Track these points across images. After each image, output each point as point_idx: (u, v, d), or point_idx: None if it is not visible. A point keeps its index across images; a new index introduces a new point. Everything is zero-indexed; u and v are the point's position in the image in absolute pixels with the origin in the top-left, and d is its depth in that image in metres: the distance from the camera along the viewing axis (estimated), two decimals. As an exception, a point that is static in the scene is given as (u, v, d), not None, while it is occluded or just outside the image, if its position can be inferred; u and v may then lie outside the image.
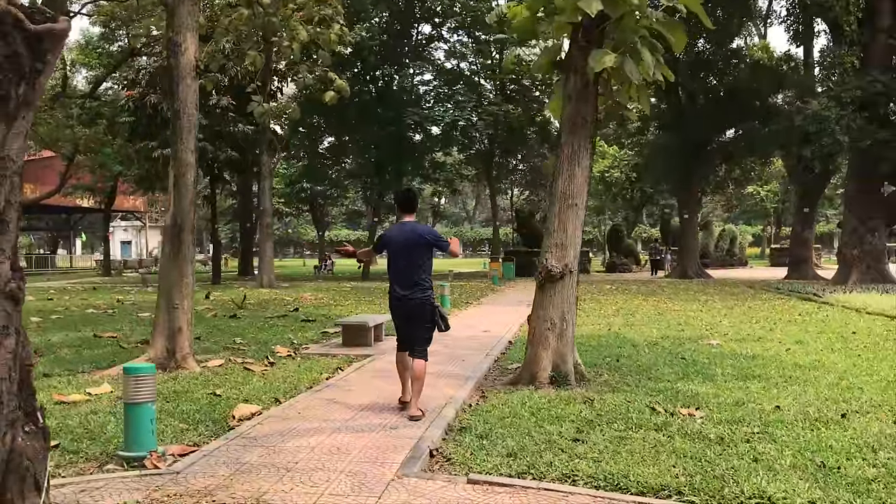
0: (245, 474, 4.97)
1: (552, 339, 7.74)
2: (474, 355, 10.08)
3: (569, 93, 7.91)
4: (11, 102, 2.78)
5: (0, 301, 2.88)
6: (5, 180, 2.83)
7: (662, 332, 12.07)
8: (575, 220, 7.82)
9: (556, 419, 6.27)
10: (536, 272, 7.92)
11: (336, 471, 5.04)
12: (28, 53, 2.76)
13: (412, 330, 6.83)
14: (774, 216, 64.79)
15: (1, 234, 2.86)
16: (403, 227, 6.89)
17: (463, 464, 5.22)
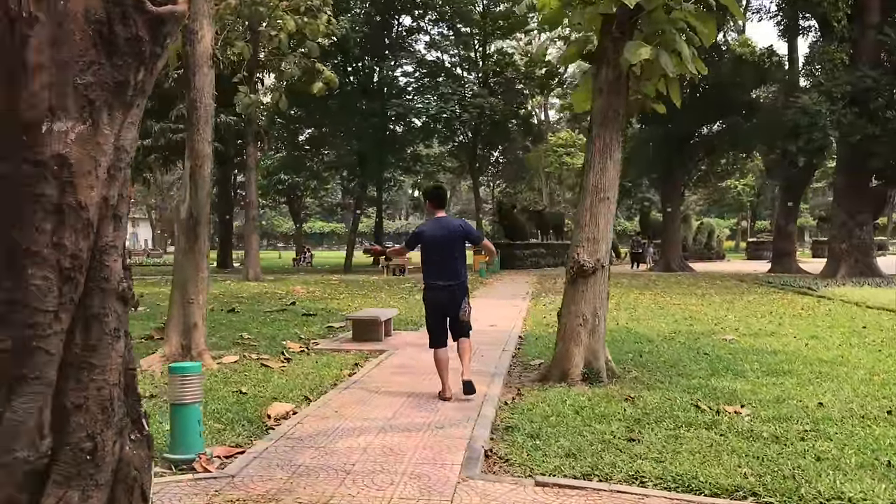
0: (304, 477, 4.80)
1: (584, 336, 7.64)
2: (490, 350, 9.96)
3: (600, 85, 7.79)
4: (129, 90, 2.59)
5: (112, 302, 2.69)
6: (119, 172, 2.64)
7: (672, 327, 12.04)
8: (607, 214, 7.72)
9: (602, 418, 6.17)
10: (567, 267, 7.80)
11: (397, 473, 4.88)
12: (149, 37, 2.56)
13: (454, 317, 7.18)
14: (750, 210, 65.44)
15: (115, 230, 2.67)
16: (438, 223, 7.20)
17: (523, 465, 5.10)
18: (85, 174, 2.51)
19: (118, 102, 2.57)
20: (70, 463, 2.63)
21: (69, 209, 2.49)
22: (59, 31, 2.42)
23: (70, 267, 2.52)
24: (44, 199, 2.44)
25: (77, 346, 2.64)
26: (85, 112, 2.49)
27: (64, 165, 2.46)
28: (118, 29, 2.52)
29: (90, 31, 2.49)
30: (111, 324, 2.70)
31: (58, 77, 2.43)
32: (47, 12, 2.39)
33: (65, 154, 2.46)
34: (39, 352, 2.51)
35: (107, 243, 2.65)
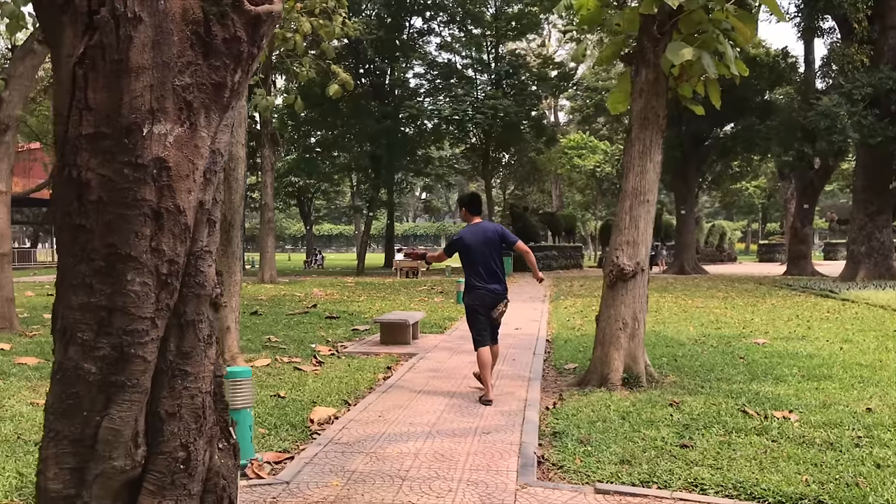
0: (359, 484, 4.74)
1: (624, 340, 7.56)
2: (521, 354, 9.89)
3: (640, 86, 7.72)
4: (226, 91, 2.54)
5: (206, 309, 2.64)
6: (214, 176, 2.59)
7: (700, 331, 11.94)
8: (646, 217, 7.65)
9: (650, 423, 6.09)
10: (607, 270, 7.73)
11: (454, 479, 4.82)
12: (246, 37, 2.51)
13: (492, 319, 7.35)
14: (761, 212, 65.19)
15: (209, 235, 2.62)
16: (476, 228, 7.44)
17: (578, 472, 5.02)
18: (183, 178, 2.46)
19: (215, 105, 2.52)
20: (164, 472, 2.58)
21: (167, 213, 2.44)
22: (159, 31, 2.37)
23: (167, 272, 2.47)
24: (143, 203, 2.39)
25: (171, 354, 2.59)
26: (183, 114, 2.44)
27: (163, 169, 2.41)
28: (216, 29, 2.47)
29: (187, 32, 2.44)
30: (204, 330, 2.65)
31: (158, 79, 2.37)
32: (149, 12, 2.34)
33: (164, 157, 2.41)
34: (137, 359, 2.46)
35: (202, 248, 2.60)
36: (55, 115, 2.42)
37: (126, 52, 2.30)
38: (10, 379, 8.05)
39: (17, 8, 11.62)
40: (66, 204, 2.37)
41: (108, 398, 2.46)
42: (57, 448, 2.47)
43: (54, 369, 2.50)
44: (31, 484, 4.69)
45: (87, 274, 2.39)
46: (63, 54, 2.34)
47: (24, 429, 5.99)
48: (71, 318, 2.42)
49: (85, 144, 2.33)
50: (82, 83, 2.30)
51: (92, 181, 2.35)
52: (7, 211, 12.15)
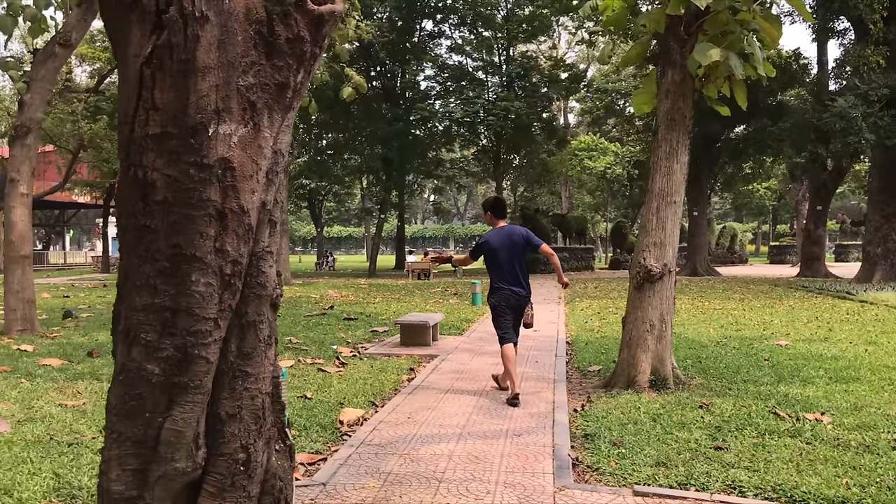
0: (396, 486, 4.73)
1: (651, 342, 7.53)
2: (543, 356, 9.86)
3: (666, 87, 7.69)
4: (289, 92, 2.53)
5: (266, 310, 2.63)
6: (276, 177, 2.58)
7: (720, 332, 11.89)
8: (673, 218, 7.62)
9: (682, 426, 6.06)
10: (633, 272, 7.69)
11: (490, 481, 4.80)
12: (310, 37, 2.50)
13: (515, 321, 7.49)
14: (771, 214, 64.95)
15: (270, 235, 2.61)
16: (501, 231, 7.57)
17: (614, 474, 5.00)
18: (247, 178, 2.45)
19: (278, 105, 2.51)
20: (224, 474, 2.57)
21: (232, 214, 2.43)
22: (225, 31, 2.36)
23: (231, 273, 2.47)
24: (208, 203, 2.38)
25: (232, 354, 2.58)
26: (247, 115, 2.44)
27: (227, 169, 2.40)
28: (279, 29, 2.46)
29: (251, 32, 2.44)
30: (265, 331, 2.64)
31: (223, 79, 2.37)
32: (215, 12, 2.33)
33: (228, 157, 2.40)
34: (200, 360, 2.45)
35: (263, 249, 2.60)
36: (119, 115, 2.41)
37: (193, 52, 2.29)
38: (37, 380, 8.07)
39: (40, 11, 11.69)
40: (131, 204, 2.37)
41: (171, 399, 2.45)
42: (120, 449, 2.47)
43: (116, 370, 2.50)
44: (69, 485, 4.70)
45: (151, 275, 2.38)
46: (129, 54, 2.33)
47: (54, 430, 6.00)
48: (134, 319, 2.42)
49: (151, 144, 2.32)
50: (149, 83, 2.29)
51: (157, 181, 2.34)
52: (28, 213, 12.19)
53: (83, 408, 6.79)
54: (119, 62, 2.41)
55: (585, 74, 43.48)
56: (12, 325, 12.00)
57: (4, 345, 10.86)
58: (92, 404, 6.93)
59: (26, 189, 12.13)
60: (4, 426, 6.12)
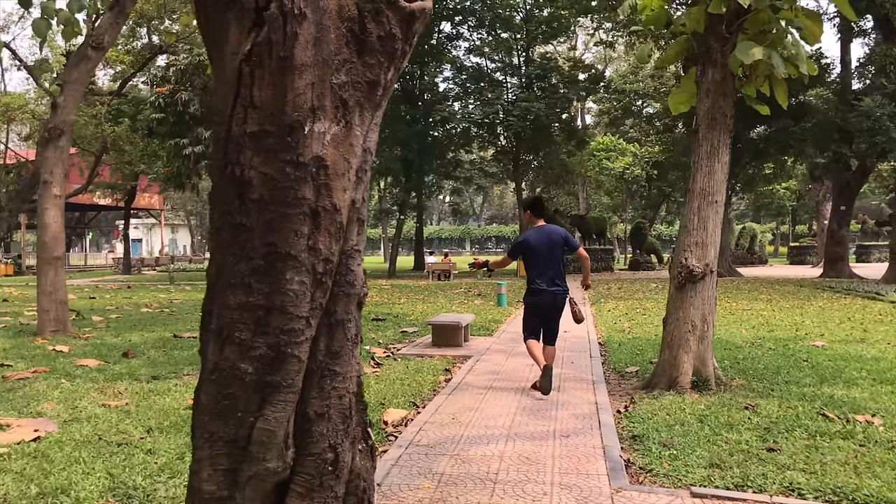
0: (451, 486, 4.71)
1: (693, 342, 7.48)
2: (577, 357, 9.82)
3: (706, 86, 7.64)
4: (379, 90, 2.52)
5: (354, 309, 2.62)
6: (365, 175, 2.57)
7: (752, 333, 11.80)
8: (715, 218, 7.56)
9: (729, 427, 6.01)
10: (674, 272, 7.64)
11: (545, 483, 4.77)
12: (401, 35, 2.49)
13: (550, 320, 7.72)
14: (790, 214, 64.50)
15: (359, 234, 2.60)
16: (541, 231, 7.71)
17: (668, 476, 4.95)
18: (339, 176, 2.44)
19: (369, 103, 2.50)
20: (312, 474, 2.55)
21: (325, 212, 2.42)
22: (320, 28, 2.35)
23: (323, 271, 2.46)
24: (303, 201, 2.37)
25: (321, 353, 2.57)
26: (339, 112, 2.42)
27: (321, 167, 2.39)
28: (370, 26, 2.45)
29: (343, 29, 2.43)
30: (352, 330, 2.63)
31: (318, 76, 2.36)
32: (312, 9, 2.32)
33: (322, 156, 2.39)
34: (293, 359, 2.44)
35: (352, 247, 2.58)
36: (214, 114, 2.41)
37: (291, 49, 2.28)
38: (77, 381, 8.11)
39: (73, 14, 11.78)
40: (227, 202, 2.36)
41: (263, 399, 2.44)
42: (212, 449, 2.46)
43: (208, 369, 2.49)
44: (123, 484, 4.71)
45: (246, 273, 2.38)
46: (227, 52, 2.33)
47: (101, 430, 6.02)
48: (228, 318, 2.41)
49: (248, 143, 2.31)
50: (248, 80, 2.28)
51: (254, 179, 2.33)
52: (61, 214, 12.27)
53: (126, 408, 6.81)
54: (214, 61, 2.41)
55: (604, 75, 43.28)
56: (45, 326, 12.09)
57: (39, 345, 10.93)
58: (135, 405, 6.96)
59: (59, 191, 12.21)
60: (52, 426, 6.15)
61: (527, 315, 7.86)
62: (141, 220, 69.44)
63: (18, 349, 10.58)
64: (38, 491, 4.61)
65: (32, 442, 5.67)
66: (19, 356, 9.89)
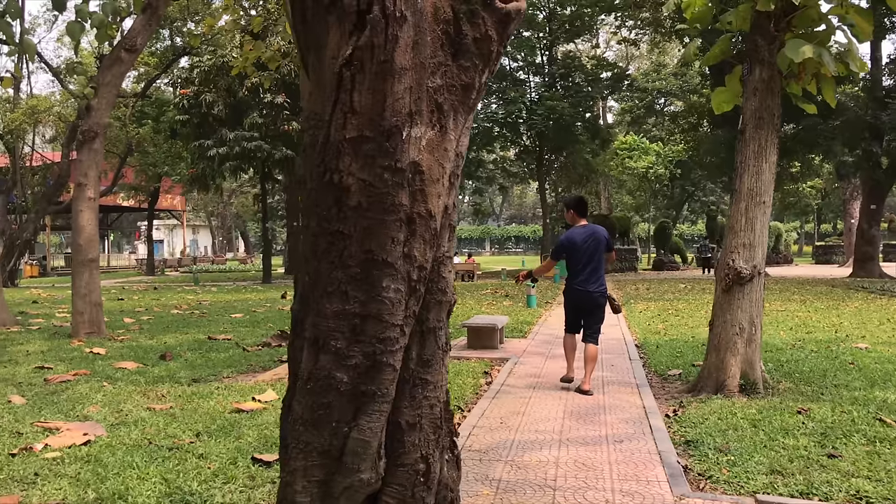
0: (510, 493, 4.65)
1: (740, 345, 7.37)
2: (617, 360, 9.73)
3: (754, 85, 7.53)
4: (473, 93, 2.47)
5: (444, 317, 2.57)
6: (457, 180, 2.52)
7: (791, 335, 11.65)
8: (762, 219, 7.46)
9: (784, 432, 5.90)
10: (721, 274, 7.54)
11: (605, 489, 4.70)
12: (497, 37, 2.43)
13: (590, 317, 7.81)
14: (816, 213, 63.88)
15: (450, 240, 2.55)
16: (584, 230, 7.76)
17: (729, 482, 4.86)
18: (434, 182, 2.39)
19: (463, 107, 2.45)
20: (404, 485, 2.51)
21: (420, 219, 2.37)
22: (418, 31, 2.30)
23: (417, 279, 2.41)
24: (399, 208, 2.32)
25: (412, 362, 2.52)
26: (434, 117, 2.38)
27: (417, 173, 2.34)
28: (466, 28, 2.40)
29: (438, 32, 2.38)
30: (443, 338, 2.59)
31: (416, 80, 2.31)
32: (412, 12, 2.27)
33: (418, 161, 2.34)
34: (388, 368, 2.39)
35: (443, 254, 2.53)
36: (309, 119, 2.36)
37: (392, 53, 2.23)
38: (119, 384, 8.13)
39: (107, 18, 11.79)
40: (325, 209, 2.32)
41: (358, 408, 2.40)
42: (306, 460, 2.41)
43: (303, 379, 2.44)
44: (179, 490, 4.69)
45: (342, 280, 2.33)
46: (326, 56, 2.28)
47: (150, 434, 6.01)
48: (324, 327, 2.36)
49: (347, 148, 2.27)
50: (349, 85, 2.24)
51: (352, 186, 2.29)
52: (96, 217, 12.33)
53: (171, 411, 6.80)
54: (309, 65, 2.37)
55: (628, 73, 43.05)
56: (80, 328, 12.15)
57: (76, 347, 10.99)
58: (179, 408, 6.95)
59: (93, 193, 12.27)
60: (100, 430, 6.15)
61: (567, 312, 8.04)
62: (162, 221, 69.90)
63: (56, 351, 10.63)
64: (95, 496, 4.59)
65: (83, 446, 5.67)
66: (58, 358, 9.94)
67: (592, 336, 7.82)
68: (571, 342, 8.00)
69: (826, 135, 28.53)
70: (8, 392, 7.72)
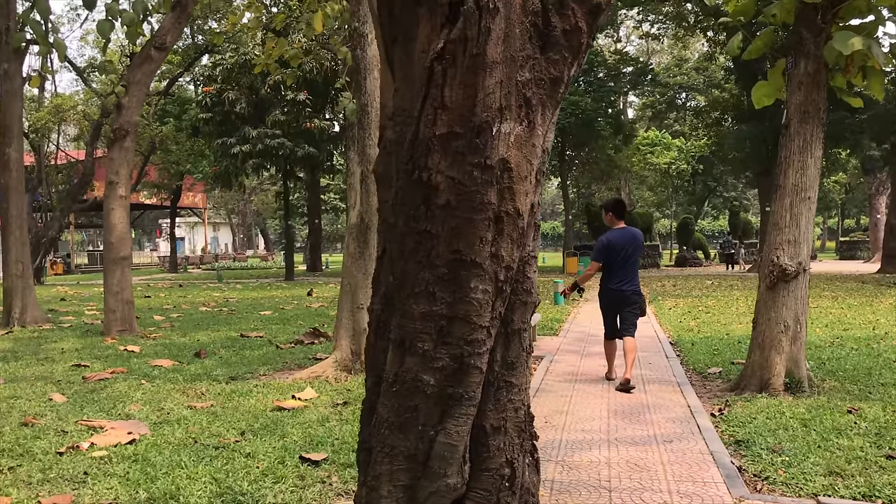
0: (565, 494, 4.58)
1: (785, 343, 7.25)
2: (654, 358, 9.62)
3: (799, 79, 7.39)
4: (561, 87, 2.39)
5: (528, 318, 2.50)
6: (542, 177, 2.45)
7: (828, 332, 11.49)
8: (808, 214, 7.32)
9: (837, 432, 5.78)
10: (765, 271, 7.41)
11: (662, 490, 4.62)
12: (587, 28, 2.36)
13: (624, 316, 7.87)
14: (839, 208, 63.20)
15: (535, 239, 2.48)
16: (623, 232, 7.89)
17: (787, 484, 4.77)
18: (522, 179, 2.32)
19: (551, 101, 2.38)
20: (489, 490, 2.45)
21: (507, 217, 2.30)
22: (508, 23, 2.23)
23: (504, 279, 2.34)
24: (488, 206, 2.25)
25: (497, 364, 2.46)
26: (522, 112, 2.31)
27: (505, 170, 2.28)
28: (555, 20, 2.32)
29: (526, 24, 2.31)
30: (527, 340, 2.52)
31: (506, 74, 2.24)
32: (503, 3, 2.20)
33: (507, 158, 2.27)
34: (475, 370, 2.33)
35: (528, 253, 2.47)
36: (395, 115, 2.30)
37: (484, 46, 2.17)
38: (157, 382, 8.13)
39: (137, 16, 11.82)
40: (413, 208, 2.25)
41: (444, 411, 2.34)
42: (391, 465, 2.36)
43: (388, 381, 2.39)
44: (230, 490, 4.65)
45: (430, 281, 2.27)
46: (415, 50, 2.22)
47: (194, 433, 5.99)
48: (410, 328, 2.31)
49: (437, 146, 2.20)
50: (439, 80, 2.17)
51: (441, 184, 2.22)
52: (127, 215, 12.37)
53: (213, 409, 6.79)
54: (396, 60, 2.30)
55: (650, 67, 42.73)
56: (112, 326, 12.20)
57: (109, 345, 11.03)
58: (220, 406, 6.94)
59: (125, 191, 12.31)
60: (143, 428, 6.13)
61: (604, 314, 8.14)
62: (183, 219, 70.23)
63: (90, 349, 10.67)
64: (147, 496, 4.57)
65: (129, 444, 5.66)
66: (93, 356, 9.97)
67: (629, 330, 7.85)
68: (612, 348, 8.10)
69: (854, 128, 28.19)
70: (48, 390, 7.74)
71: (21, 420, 6.44)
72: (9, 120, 13.31)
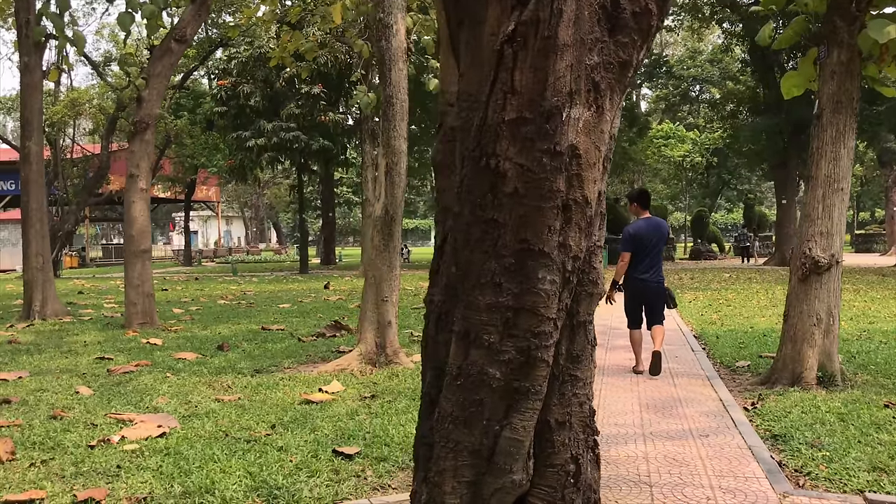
0: (606, 490, 4.49)
1: (818, 336, 7.15)
2: (679, 351, 9.53)
3: (831, 69, 7.26)
4: (630, 70, 2.32)
5: (593, 310, 2.43)
6: (608, 164, 2.38)
7: (854, 325, 11.37)
8: (840, 206, 7.21)
9: (876, 426, 5.69)
10: (797, 263, 7.31)
11: (704, 486, 4.55)
12: (657, 10, 2.28)
13: (651, 303, 8.02)
14: (856, 201, 62.76)
15: (600, 228, 2.41)
16: (650, 223, 7.93)
17: (831, 479, 4.68)
18: (591, 166, 2.25)
19: (619, 85, 2.31)
20: (554, 486, 2.38)
21: (575, 206, 2.24)
22: (578, 5, 2.16)
23: (571, 270, 2.28)
24: (556, 194, 2.18)
25: (562, 357, 2.39)
26: (591, 96, 2.23)
27: (574, 157, 2.21)
28: (624, 2, 2.25)
29: (595, 6, 2.23)
30: (591, 332, 2.45)
31: (576, 57, 2.17)
32: (573, -16, 2.12)
33: (576, 144, 2.20)
34: (542, 363, 2.27)
35: (594, 243, 2.40)
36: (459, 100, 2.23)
37: (556, 28, 2.10)
38: (182, 375, 8.11)
39: (157, 9, 11.78)
40: (479, 196, 2.19)
41: (509, 406, 2.28)
42: (456, 460, 2.30)
43: (452, 374, 2.32)
44: (265, 484, 4.61)
45: (496, 272, 2.21)
46: (484, 33, 2.16)
47: (224, 426, 5.95)
48: (475, 320, 2.24)
49: (506, 131, 2.14)
50: (510, 63, 2.10)
51: (509, 171, 2.16)
52: (147, 208, 12.36)
53: (240, 402, 6.76)
54: (462, 43, 2.23)
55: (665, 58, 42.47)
56: (133, 319, 12.20)
57: (131, 338, 11.02)
58: (247, 399, 6.90)
59: (145, 184, 12.29)
60: (173, 421, 6.10)
61: (628, 303, 8.18)
62: (196, 213, 70.38)
63: (112, 342, 10.67)
64: (182, 490, 4.53)
65: (159, 438, 5.63)
66: (116, 349, 9.96)
67: (657, 319, 8.01)
68: (638, 337, 8.11)
69: (872, 120, 27.92)
70: (74, 383, 7.73)
71: (49, 413, 6.42)
72: (29, 113, 13.32)
